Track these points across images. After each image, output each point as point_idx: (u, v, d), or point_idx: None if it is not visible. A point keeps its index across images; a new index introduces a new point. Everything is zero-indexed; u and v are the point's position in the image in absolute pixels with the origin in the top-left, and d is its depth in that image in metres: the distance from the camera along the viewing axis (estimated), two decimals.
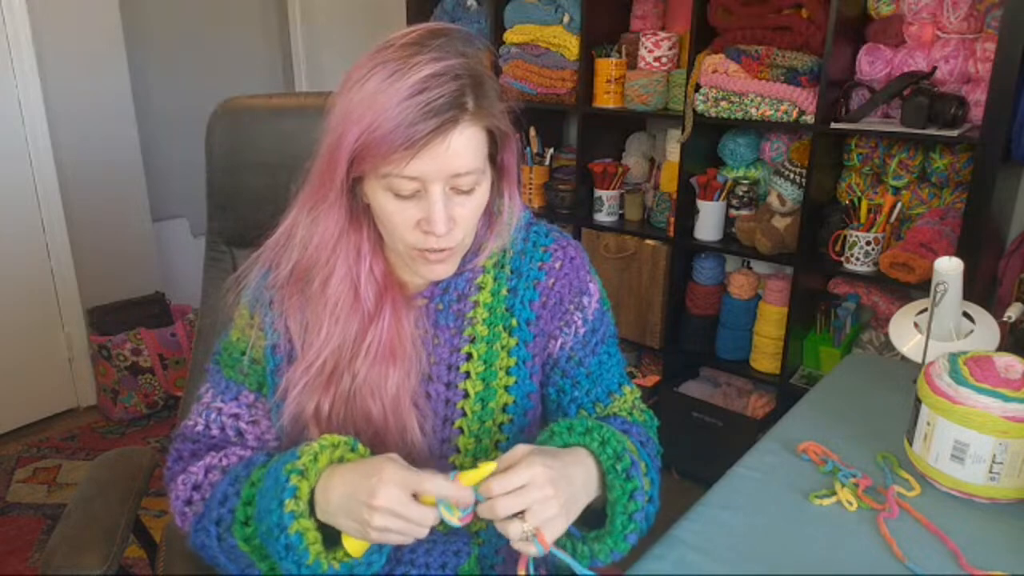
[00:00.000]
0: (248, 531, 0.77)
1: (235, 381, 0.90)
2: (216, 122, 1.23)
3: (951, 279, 1.09)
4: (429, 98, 0.70)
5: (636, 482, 0.75)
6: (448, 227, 0.76)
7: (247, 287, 0.88)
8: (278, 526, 0.71)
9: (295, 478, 0.72)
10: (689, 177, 2.17)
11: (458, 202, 0.77)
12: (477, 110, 0.73)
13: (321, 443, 0.75)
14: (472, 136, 0.74)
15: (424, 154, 0.72)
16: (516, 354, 0.87)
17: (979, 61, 1.73)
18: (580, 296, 0.90)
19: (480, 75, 0.75)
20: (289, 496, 0.71)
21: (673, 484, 2.23)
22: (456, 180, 0.75)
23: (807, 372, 2.14)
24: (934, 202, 1.90)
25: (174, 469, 0.89)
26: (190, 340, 2.72)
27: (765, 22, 1.92)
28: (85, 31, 2.58)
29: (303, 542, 0.70)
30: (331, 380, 0.82)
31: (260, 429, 0.89)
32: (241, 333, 0.89)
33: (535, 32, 2.33)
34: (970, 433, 0.90)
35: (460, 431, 0.85)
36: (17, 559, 1.97)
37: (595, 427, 0.78)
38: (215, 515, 0.80)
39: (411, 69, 0.71)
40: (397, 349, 0.82)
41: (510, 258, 0.88)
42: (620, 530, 0.75)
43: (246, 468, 0.81)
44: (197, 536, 0.82)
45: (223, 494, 0.80)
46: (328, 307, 0.82)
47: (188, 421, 0.92)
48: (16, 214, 2.47)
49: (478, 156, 0.76)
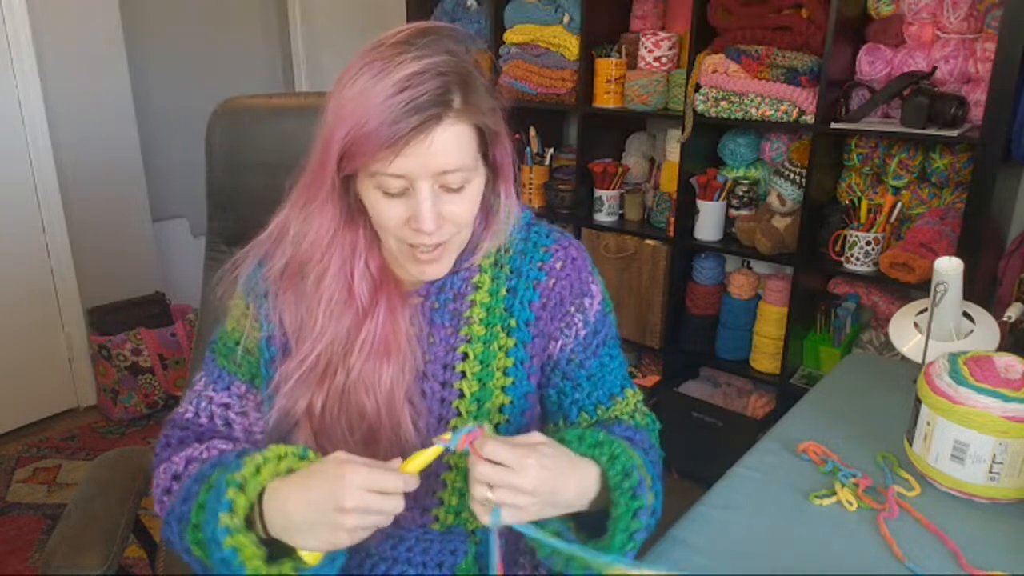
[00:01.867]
0: (199, 535, 0.76)
1: (228, 371, 0.90)
2: (216, 122, 1.23)
3: (951, 279, 1.09)
4: (412, 96, 0.70)
5: (642, 501, 0.75)
6: (436, 224, 0.76)
7: (242, 276, 0.88)
8: (213, 540, 0.70)
9: (232, 491, 0.70)
10: (689, 177, 2.17)
11: (448, 200, 0.77)
12: (463, 107, 0.73)
13: (266, 455, 0.74)
14: (458, 133, 0.74)
15: (408, 152, 0.71)
16: (514, 355, 0.86)
17: (979, 61, 1.73)
18: (581, 297, 0.89)
19: (467, 72, 0.74)
20: (224, 510, 0.70)
21: (673, 484, 2.23)
22: (444, 178, 0.75)
23: (807, 372, 2.14)
24: (934, 202, 1.90)
25: (161, 456, 0.89)
26: (190, 340, 2.72)
27: (765, 22, 1.92)
28: (85, 31, 2.58)
29: (237, 557, 0.69)
30: (325, 376, 0.82)
31: (248, 421, 0.89)
32: (236, 323, 0.89)
33: (535, 32, 2.33)
34: (970, 433, 0.90)
35: (454, 431, 0.84)
36: (17, 559, 1.97)
37: (606, 441, 0.77)
38: (178, 512, 0.79)
39: (396, 68, 0.71)
40: (392, 345, 0.82)
41: (509, 258, 0.88)
42: (619, 547, 0.74)
43: (212, 467, 0.80)
44: (165, 529, 0.82)
45: (187, 492, 0.79)
46: (322, 303, 0.82)
47: (180, 408, 0.92)
48: (16, 214, 2.47)
49: (466, 153, 0.75)
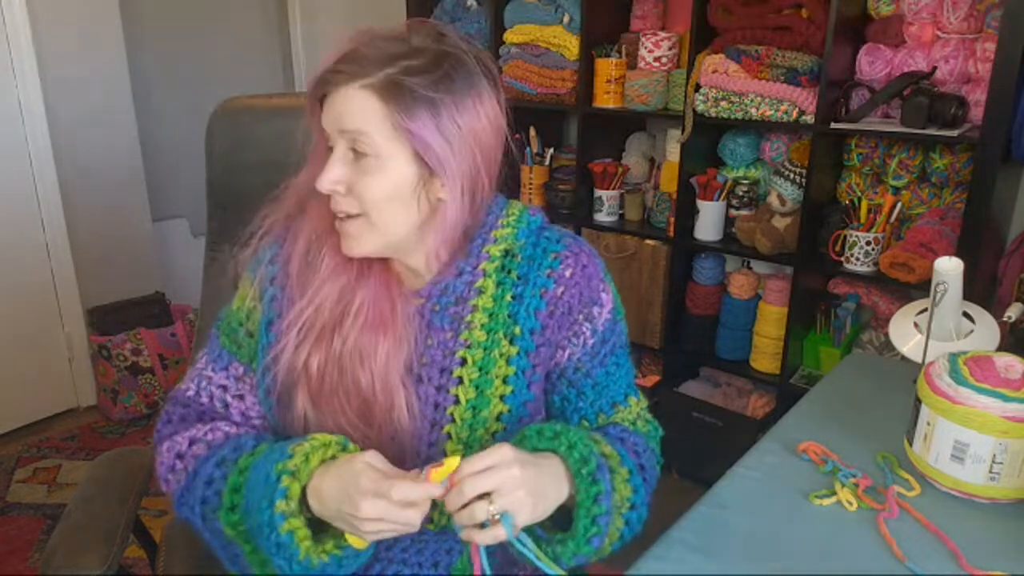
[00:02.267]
0: (235, 518, 0.79)
1: (228, 351, 0.91)
2: (216, 122, 1.23)
3: (951, 279, 1.09)
4: (347, 53, 0.76)
5: (602, 486, 0.75)
6: (331, 184, 0.78)
7: (255, 259, 0.90)
8: (268, 524, 0.72)
9: (286, 479, 0.73)
10: (689, 177, 2.17)
11: (360, 172, 0.77)
12: (386, 78, 0.74)
13: (312, 443, 0.76)
14: (367, 98, 0.75)
15: (327, 107, 0.77)
16: (516, 363, 0.85)
17: (979, 61, 1.73)
18: (590, 307, 0.88)
19: (416, 58, 0.76)
20: (280, 497, 0.72)
21: (673, 484, 2.23)
22: (353, 140, 0.76)
23: (807, 372, 2.14)
24: (934, 202, 1.90)
25: (163, 432, 0.90)
26: (190, 340, 2.72)
27: (765, 22, 1.92)
28: (85, 31, 2.58)
29: (294, 540, 0.72)
30: (321, 338, 0.83)
31: (245, 405, 0.90)
32: (241, 303, 0.90)
33: (535, 32, 2.33)
34: (970, 433, 0.90)
35: (448, 436, 0.83)
36: (17, 559, 1.97)
37: (563, 431, 0.78)
38: (200, 494, 0.81)
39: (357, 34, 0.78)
40: (388, 321, 0.83)
41: (517, 263, 0.86)
42: (583, 533, 0.75)
43: (234, 452, 0.82)
44: (181, 510, 0.84)
45: (208, 475, 0.81)
46: (321, 267, 0.84)
47: (182, 384, 0.93)
48: (16, 214, 2.47)
49: (370, 120, 0.75)
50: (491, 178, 0.83)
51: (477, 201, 0.83)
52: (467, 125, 0.77)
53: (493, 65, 0.81)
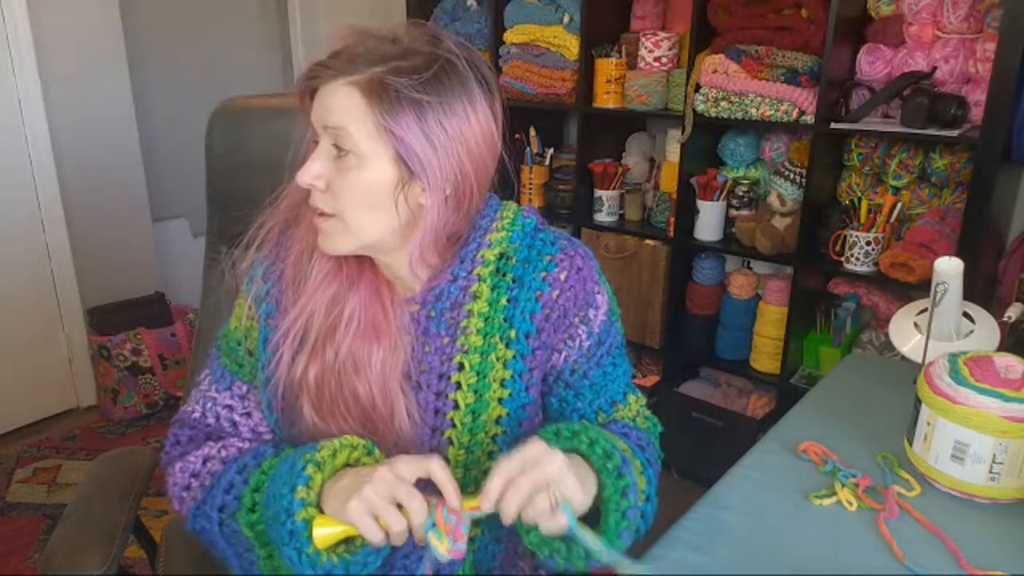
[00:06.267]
0: (253, 517, 0.79)
1: (230, 370, 0.91)
2: (216, 122, 1.23)
3: (951, 279, 1.09)
4: (338, 50, 0.76)
5: (628, 479, 0.74)
6: (311, 178, 0.77)
7: (250, 276, 0.90)
8: (286, 511, 0.71)
9: (311, 468, 0.72)
10: (689, 177, 2.17)
11: (342, 166, 0.77)
12: (372, 77, 0.74)
13: (342, 442, 0.75)
14: (351, 95, 0.74)
15: (315, 102, 0.78)
16: (512, 367, 0.84)
17: (979, 61, 1.73)
18: (586, 309, 0.87)
19: (407, 59, 0.75)
20: (302, 484, 0.71)
21: (673, 484, 2.23)
22: (335, 135, 0.76)
23: (807, 372, 2.14)
24: (934, 202, 1.90)
25: (172, 454, 0.90)
26: (190, 340, 2.72)
27: (765, 22, 1.92)
28: (85, 31, 2.58)
29: (308, 529, 0.71)
30: (316, 349, 0.83)
31: (253, 421, 0.90)
32: (239, 322, 0.90)
33: (535, 32, 2.33)
34: (970, 433, 0.90)
35: (449, 441, 0.83)
36: (17, 559, 1.97)
37: (581, 430, 0.77)
38: (219, 502, 0.81)
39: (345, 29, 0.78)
40: (381, 329, 0.82)
41: (512, 266, 0.85)
42: (614, 527, 0.74)
43: (256, 458, 0.83)
44: (196, 521, 0.84)
45: (228, 483, 0.81)
46: (311, 276, 0.84)
47: (187, 407, 0.93)
48: (16, 214, 2.47)
49: (352, 117, 0.74)
50: (481, 184, 0.81)
51: (463, 208, 0.81)
52: (455, 129, 0.76)
53: (490, 71, 0.80)
